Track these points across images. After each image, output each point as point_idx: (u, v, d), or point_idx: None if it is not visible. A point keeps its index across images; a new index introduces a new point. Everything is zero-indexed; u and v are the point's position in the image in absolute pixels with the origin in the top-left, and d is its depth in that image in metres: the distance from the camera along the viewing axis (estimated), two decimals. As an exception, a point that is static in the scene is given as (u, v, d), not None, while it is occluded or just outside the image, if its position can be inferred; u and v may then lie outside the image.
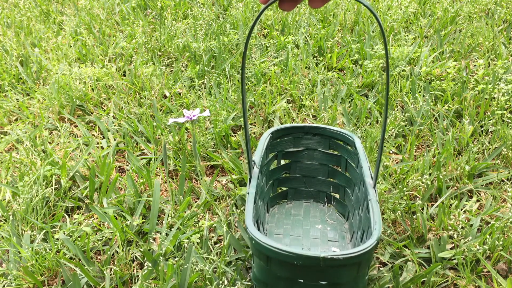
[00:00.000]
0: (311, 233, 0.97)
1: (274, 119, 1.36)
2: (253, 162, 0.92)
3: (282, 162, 1.08)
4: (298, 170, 1.07)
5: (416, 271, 0.90)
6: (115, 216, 1.04)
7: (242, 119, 1.33)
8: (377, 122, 1.28)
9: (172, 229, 1.01)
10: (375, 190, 0.83)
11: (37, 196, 1.08)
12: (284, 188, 1.08)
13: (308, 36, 1.77)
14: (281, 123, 1.35)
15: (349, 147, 0.99)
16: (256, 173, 0.90)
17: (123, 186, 1.16)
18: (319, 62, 1.65)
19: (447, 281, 0.89)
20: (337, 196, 1.05)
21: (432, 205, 1.05)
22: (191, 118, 1.09)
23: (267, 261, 0.70)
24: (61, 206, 1.10)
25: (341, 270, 0.68)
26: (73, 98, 1.44)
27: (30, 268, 0.94)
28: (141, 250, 0.96)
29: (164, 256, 0.96)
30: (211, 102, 1.40)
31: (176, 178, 1.19)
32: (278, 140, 1.03)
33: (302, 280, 0.70)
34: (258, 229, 0.90)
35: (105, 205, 1.07)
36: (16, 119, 1.44)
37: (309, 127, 1.02)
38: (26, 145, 1.27)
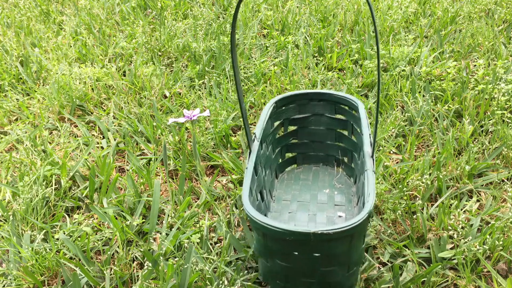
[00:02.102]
0: (318, 198, 0.98)
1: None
2: (253, 135, 0.94)
3: (289, 129, 1.09)
4: (305, 136, 1.08)
5: (416, 271, 0.90)
6: (115, 216, 1.04)
7: (242, 119, 1.33)
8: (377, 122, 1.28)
9: (172, 229, 1.01)
10: (373, 159, 0.84)
11: (37, 196, 1.08)
12: (292, 154, 1.10)
13: (308, 36, 1.77)
14: None
15: (354, 112, 0.99)
16: (256, 146, 0.92)
17: (123, 186, 1.16)
18: (319, 62, 1.65)
19: (447, 281, 0.89)
20: (345, 159, 1.06)
21: (432, 205, 1.05)
22: (191, 118, 1.09)
23: (263, 236, 0.74)
24: (61, 206, 1.10)
25: (333, 243, 0.70)
26: (73, 98, 1.44)
27: (30, 268, 0.94)
28: (141, 250, 0.96)
29: (164, 256, 0.96)
30: (211, 102, 1.40)
31: (176, 178, 1.19)
32: (283, 108, 1.04)
33: (296, 253, 0.73)
34: (262, 199, 0.93)
35: (105, 205, 1.07)
36: (16, 119, 1.44)
37: (314, 93, 1.03)
38: (26, 145, 1.27)
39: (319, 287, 0.79)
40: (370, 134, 0.90)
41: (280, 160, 1.08)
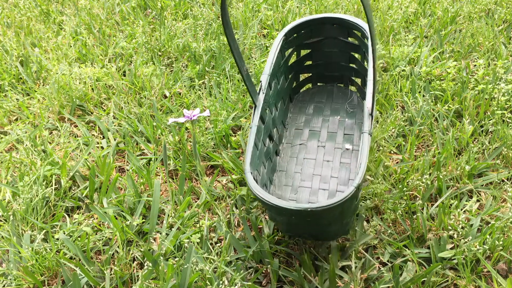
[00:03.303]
0: (329, 126, 1.01)
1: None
2: (259, 86, 0.97)
3: (302, 53, 1.11)
4: (320, 57, 1.09)
5: (416, 271, 0.90)
6: (115, 216, 1.04)
7: (241, 118, 1.33)
8: (377, 122, 1.28)
9: (172, 229, 1.01)
10: (372, 117, 0.84)
11: (37, 196, 1.08)
12: (308, 75, 1.13)
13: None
14: None
15: (366, 41, 1.00)
16: (261, 101, 0.95)
17: (123, 186, 1.16)
18: (319, 62, 1.65)
19: (447, 281, 0.89)
20: (359, 81, 1.07)
21: (432, 205, 1.05)
22: (191, 118, 1.09)
23: (263, 204, 0.81)
24: (61, 206, 1.10)
25: (325, 213, 0.75)
26: (73, 98, 1.44)
27: (30, 268, 0.94)
28: (141, 250, 0.96)
29: (164, 256, 0.96)
30: (211, 102, 1.40)
31: (176, 178, 1.19)
32: (295, 35, 1.05)
33: (293, 217, 0.81)
34: (272, 140, 1.01)
35: (105, 205, 1.07)
36: (16, 119, 1.44)
37: (327, 18, 1.04)
38: (26, 145, 1.27)
39: (317, 235, 0.91)
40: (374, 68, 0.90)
41: (295, 83, 1.10)
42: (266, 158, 1.00)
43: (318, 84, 1.13)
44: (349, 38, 1.05)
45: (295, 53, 1.09)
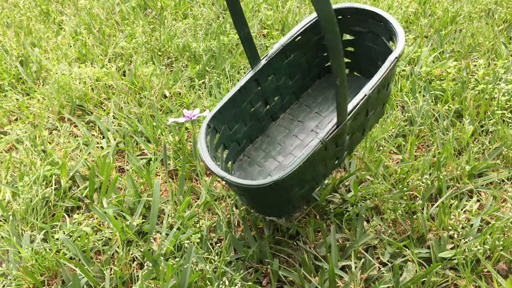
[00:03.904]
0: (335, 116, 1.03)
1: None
2: (269, 51, 0.99)
3: (346, 37, 1.09)
4: (362, 48, 1.06)
5: (416, 271, 0.90)
6: (115, 216, 1.04)
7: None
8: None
9: (172, 229, 1.01)
10: (340, 126, 0.82)
11: (37, 196, 1.08)
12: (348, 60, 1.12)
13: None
14: None
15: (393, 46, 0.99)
16: (260, 66, 0.99)
17: (123, 186, 1.16)
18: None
19: (447, 281, 0.89)
20: None
21: (432, 205, 1.05)
22: (191, 118, 1.09)
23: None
24: (61, 206, 1.10)
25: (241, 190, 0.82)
26: (73, 98, 1.44)
27: (30, 268, 0.94)
28: (141, 250, 0.96)
29: (164, 256, 0.96)
30: (211, 102, 1.39)
31: (176, 178, 1.19)
32: (340, 17, 1.02)
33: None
34: (266, 105, 1.05)
35: (105, 205, 1.07)
36: (16, 119, 1.44)
37: (377, 14, 0.99)
38: (26, 145, 1.27)
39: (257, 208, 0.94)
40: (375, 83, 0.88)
41: (329, 63, 1.08)
42: (251, 118, 1.03)
43: (355, 73, 1.12)
44: (390, 42, 1.03)
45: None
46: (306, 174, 0.84)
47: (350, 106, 0.81)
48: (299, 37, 1.03)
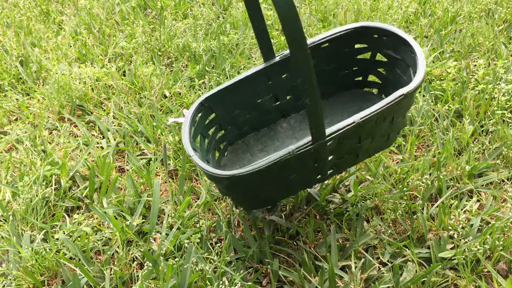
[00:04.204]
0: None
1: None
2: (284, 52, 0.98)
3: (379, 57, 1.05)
4: (391, 71, 1.01)
5: (416, 271, 0.90)
6: (115, 216, 1.04)
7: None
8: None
9: (172, 229, 1.01)
10: (318, 141, 0.81)
11: (37, 196, 1.08)
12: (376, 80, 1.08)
13: (308, 35, 1.77)
14: None
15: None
16: (272, 61, 0.99)
17: (123, 186, 1.16)
18: (319, 62, 1.65)
19: (447, 281, 0.89)
20: None
21: (432, 205, 1.05)
22: (191, 118, 1.09)
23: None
24: (61, 206, 1.10)
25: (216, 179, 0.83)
26: (73, 98, 1.44)
27: (30, 268, 0.94)
28: (141, 250, 0.96)
29: (164, 256, 0.96)
30: (211, 102, 1.39)
31: (176, 178, 1.19)
32: (376, 36, 0.98)
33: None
34: (277, 101, 1.05)
35: (105, 205, 1.07)
36: (16, 119, 1.44)
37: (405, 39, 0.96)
38: (26, 145, 1.27)
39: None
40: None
41: (361, 78, 1.06)
42: (256, 109, 1.04)
43: (382, 96, 1.05)
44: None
45: (370, 53, 1.02)
46: (272, 178, 0.83)
47: (333, 129, 0.79)
48: (326, 44, 1.00)
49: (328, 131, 0.78)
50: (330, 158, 0.85)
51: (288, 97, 1.06)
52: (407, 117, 0.94)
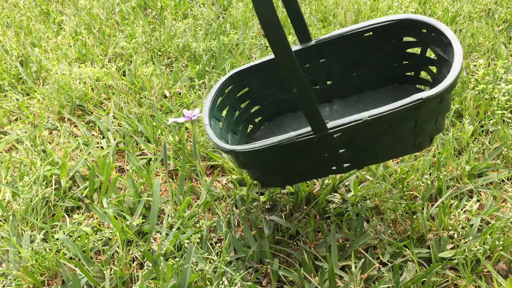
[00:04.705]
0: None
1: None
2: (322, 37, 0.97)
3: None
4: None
5: (416, 271, 0.90)
6: (115, 216, 1.04)
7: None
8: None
9: (172, 229, 1.01)
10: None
11: (37, 196, 1.08)
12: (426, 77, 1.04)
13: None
14: None
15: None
16: (307, 45, 0.98)
17: (123, 186, 1.16)
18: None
19: (447, 281, 0.89)
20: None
21: (432, 205, 1.05)
22: (191, 118, 1.09)
23: None
24: (61, 206, 1.10)
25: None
26: (73, 98, 1.44)
27: (30, 268, 0.94)
28: (141, 250, 0.96)
29: (164, 256, 0.96)
30: (211, 102, 1.39)
31: (176, 178, 1.19)
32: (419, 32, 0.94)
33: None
34: (316, 84, 1.05)
35: (105, 205, 1.07)
36: (16, 119, 1.44)
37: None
38: (26, 145, 1.27)
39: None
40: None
41: (402, 69, 1.02)
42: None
43: (422, 86, 1.03)
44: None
45: (420, 48, 0.98)
46: (278, 160, 0.84)
47: (339, 122, 0.77)
48: (370, 33, 0.96)
49: (333, 123, 0.77)
50: (341, 151, 0.83)
51: (328, 83, 1.04)
52: (442, 122, 0.85)
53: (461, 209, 1.02)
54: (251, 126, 1.07)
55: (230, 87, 1.00)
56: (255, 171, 0.89)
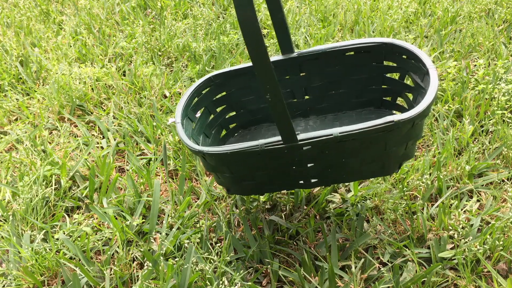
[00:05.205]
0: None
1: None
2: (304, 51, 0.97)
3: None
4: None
5: (416, 271, 0.90)
6: (115, 216, 1.04)
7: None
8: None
9: (172, 229, 1.01)
10: None
11: (37, 196, 1.08)
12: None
13: (308, 36, 1.77)
14: None
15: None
16: (290, 56, 0.96)
17: (123, 186, 1.16)
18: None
19: (447, 281, 0.89)
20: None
21: (432, 205, 1.05)
22: (191, 118, 1.09)
23: None
24: (61, 206, 1.10)
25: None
26: (73, 98, 1.44)
27: (30, 268, 0.94)
28: (141, 250, 0.96)
29: (164, 256, 0.96)
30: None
31: (176, 178, 1.19)
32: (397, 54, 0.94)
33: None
34: (294, 97, 1.04)
35: (105, 205, 1.07)
36: (16, 119, 1.44)
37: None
38: (26, 145, 1.27)
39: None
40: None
41: (385, 98, 1.02)
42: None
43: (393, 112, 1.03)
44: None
45: (399, 74, 0.98)
46: (245, 167, 0.83)
47: (310, 135, 0.77)
48: (351, 53, 0.96)
49: (304, 135, 0.77)
50: (310, 165, 0.83)
51: (306, 97, 1.03)
52: (412, 149, 0.85)
53: (461, 209, 1.02)
54: (225, 131, 1.06)
55: (207, 89, 0.98)
56: (221, 175, 0.88)
